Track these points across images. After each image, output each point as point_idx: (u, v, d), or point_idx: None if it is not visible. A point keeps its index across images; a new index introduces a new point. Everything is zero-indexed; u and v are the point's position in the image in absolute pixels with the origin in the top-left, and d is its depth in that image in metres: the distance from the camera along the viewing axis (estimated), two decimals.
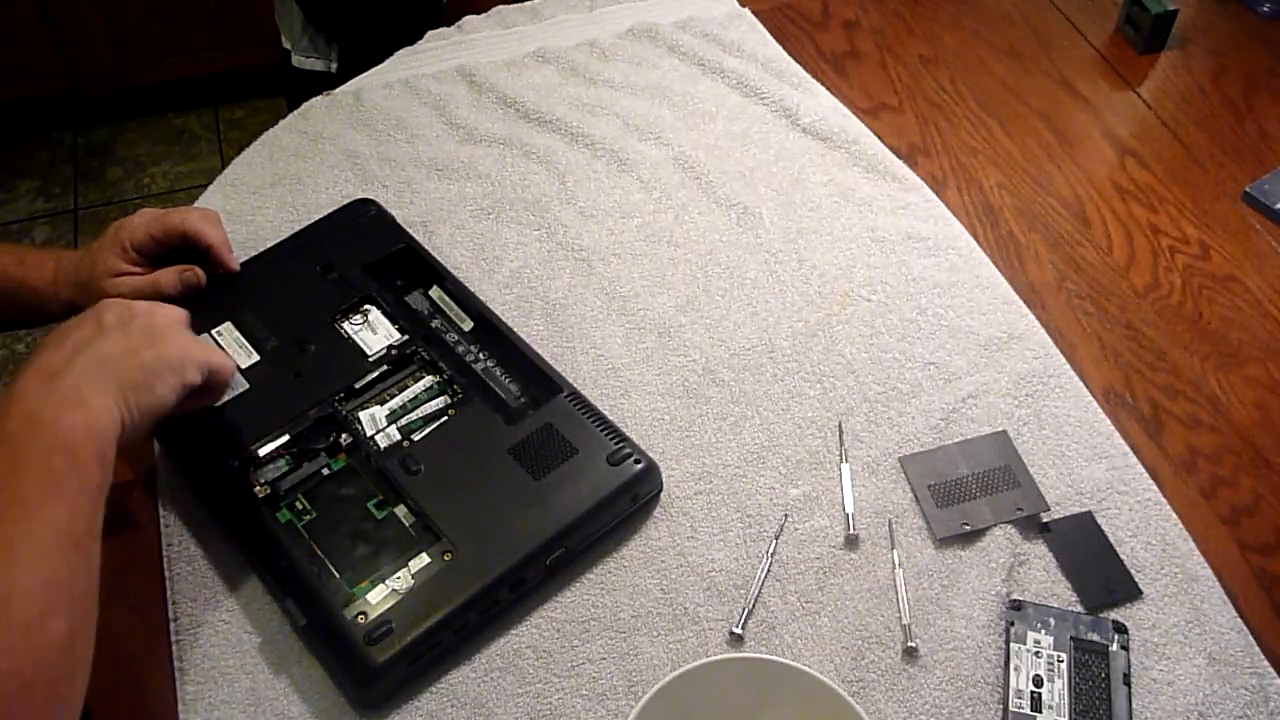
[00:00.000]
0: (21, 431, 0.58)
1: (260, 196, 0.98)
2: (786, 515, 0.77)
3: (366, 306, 0.85)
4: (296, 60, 1.56)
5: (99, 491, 0.60)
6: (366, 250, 0.88)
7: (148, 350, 0.65)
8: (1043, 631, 0.70)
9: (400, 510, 0.73)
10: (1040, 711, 0.67)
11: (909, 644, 0.70)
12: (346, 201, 0.94)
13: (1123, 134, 1.07)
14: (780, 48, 1.14)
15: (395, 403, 0.79)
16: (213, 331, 0.82)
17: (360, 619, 0.66)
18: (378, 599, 0.67)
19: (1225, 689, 0.69)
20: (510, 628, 0.71)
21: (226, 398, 0.77)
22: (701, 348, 0.87)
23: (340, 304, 0.84)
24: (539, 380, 0.80)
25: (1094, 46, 1.17)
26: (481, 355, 0.83)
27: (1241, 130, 1.07)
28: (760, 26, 1.17)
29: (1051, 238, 0.97)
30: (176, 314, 0.70)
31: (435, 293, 0.87)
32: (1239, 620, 0.72)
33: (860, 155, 1.02)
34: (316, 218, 0.93)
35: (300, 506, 0.73)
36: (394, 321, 0.83)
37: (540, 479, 0.73)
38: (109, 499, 0.74)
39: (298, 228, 0.92)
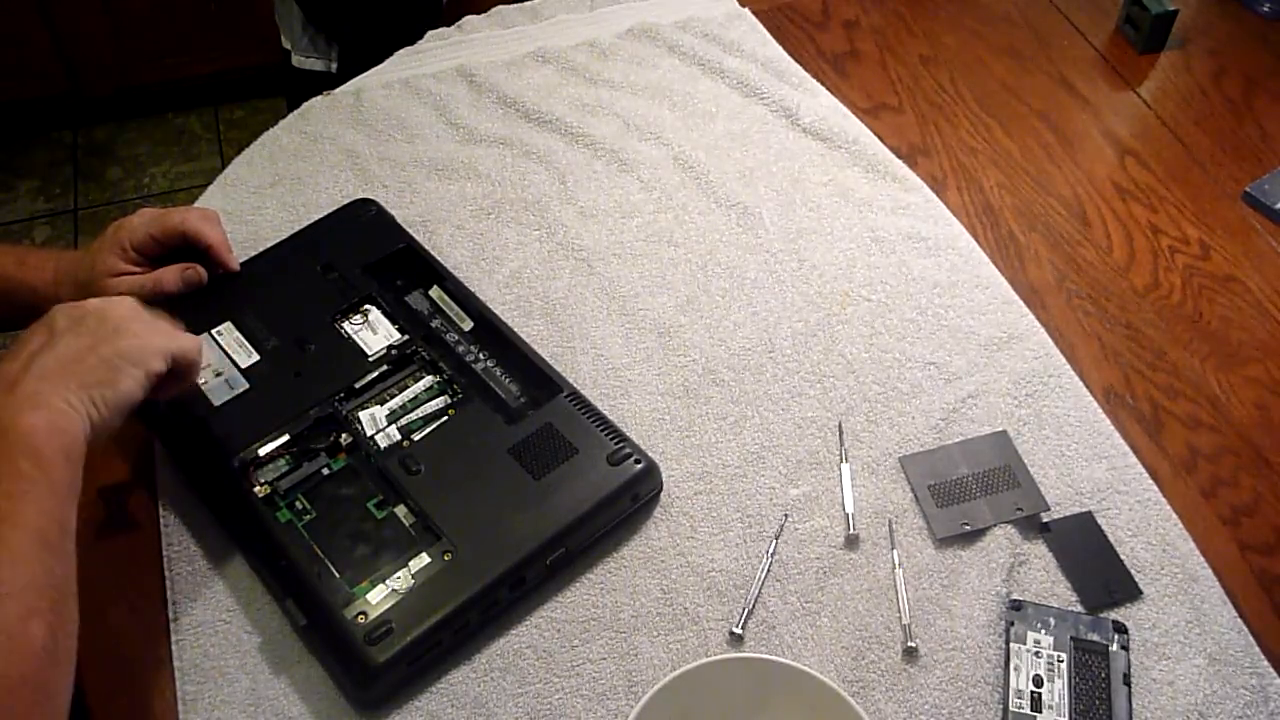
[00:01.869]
0: None
1: (260, 196, 0.98)
2: (786, 515, 0.77)
3: (366, 306, 0.85)
4: (296, 60, 1.56)
5: (69, 490, 0.60)
6: (366, 250, 0.88)
7: (105, 345, 0.65)
8: (1043, 631, 0.70)
9: (400, 510, 0.73)
10: (1040, 711, 0.67)
11: (909, 644, 0.70)
12: (346, 201, 0.94)
13: (1123, 134, 1.07)
14: (780, 48, 1.14)
15: (395, 403, 0.79)
16: (213, 331, 0.82)
17: (360, 619, 0.66)
18: (378, 599, 0.67)
19: (1225, 689, 0.69)
20: (510, 628, 0.71)
21: (226, 397, 0.77)
22: (701, 348, 0.87)
23: (340, 304, 0.84)
24: (539, 380, 0.80)
25: (1094, 46, 1.17)
26: (481, 355, 0.83)
27: (1241, 130, 1.07)
28: (760, 26, 1.17)
29: (1051, 238, 0.97)
30: (130, 304, 0.69)
31: (435, 293, 0.87)
32: (1239, 620, 0.72)
33: (860, 155, 1.02)
34: (316, 218, 0.93)
35: (300, 506, 0.73)
36: (394, 321, 0.83)
37: (540, 479, 0.73)
38: (109, 499, 0.74)
39: (298, 228, 0.92)
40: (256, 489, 0.73)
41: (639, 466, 0.74)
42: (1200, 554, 0.75)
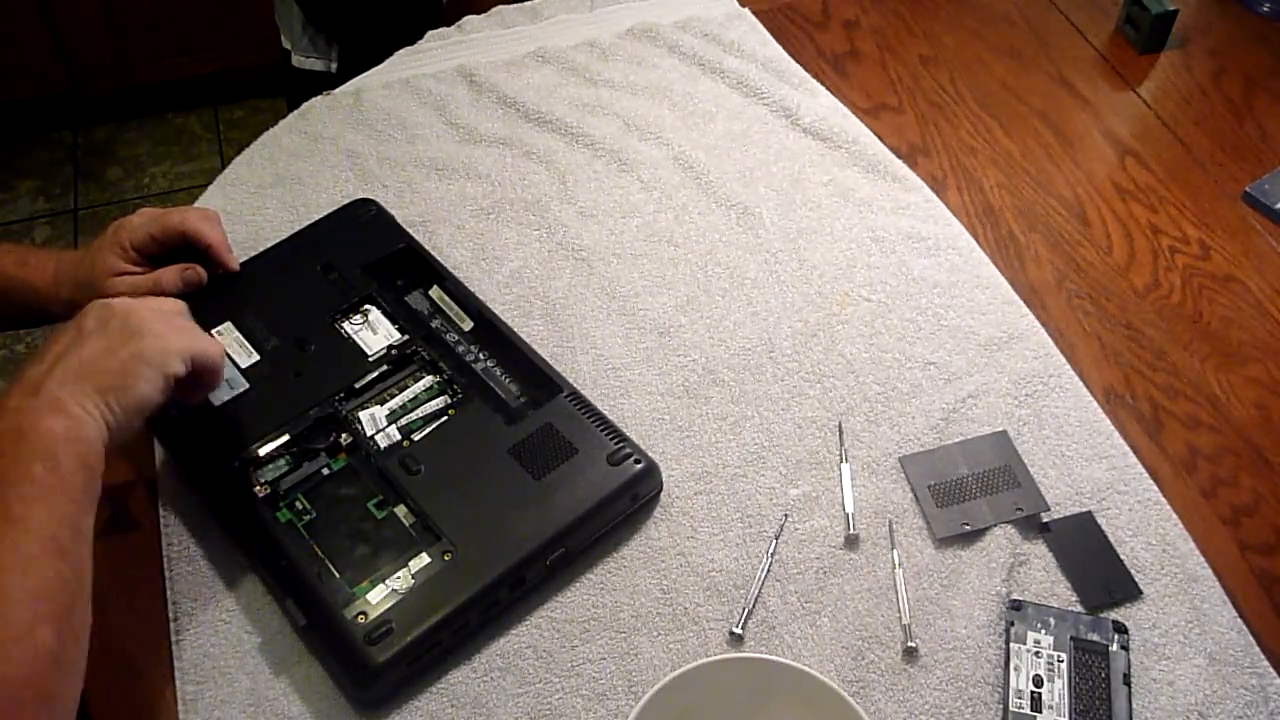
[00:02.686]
0: (4, 445, 0.59)
1: (260, 196, 0.98)
2: (786, 515, 0.77)
3: (366, 306, 0.85)
4: (296, 60, 1.56)
5: (85, 496, 0.60)
6: (366, 250, 0.88)
7: (124, 348, 0.65)
8: (1043, 631, 0.70)
9: (400, 510, 0.73)
10: (1040, 711, 0.67)
11: (909, 644, 0.70)
12: (346, 201, 0.94)
13: (1123, 134, 1.07)
14: (780, 48, 1.14)
15: (395, 403, 0.79)
16: (212, 331, 0.82)
17: (360, 619, 0.66)
18: (378, 599, 0.67)
19: (1225, 689, 0.69)
20: (510, 628, 0.71)
21: (226, 397, 0.77)
22: (701, 348, 0.87)
23: (340, 304, 0.84)
24: (539, 380, 0.80)
25: (1094, 46, 1.17)
26: (481, 355, 0.83)
27: (1241, 130, 1.07)
28: (760, 26, 1.17)
29: (1051, 238, 0.97)
30: (160, 305, 0.70)
31: (435, 293, 0.87)
32: (1239, 620, 0.72)
33: (860, 155, 1.02)
34: (316, 218, 0.93)
35: (300, 506, 0.73)
36: (394, 321, 0.83)
37: (540, 479, 0.73)
38: (109, 499, 0.74)
39: (298, 228, 0.92)
40: (256, 489, 0.73)
41: (639, 466, 0.74)
42: (1200, 554, 0.75)
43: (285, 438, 0.76)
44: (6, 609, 0.54)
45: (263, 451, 0.75)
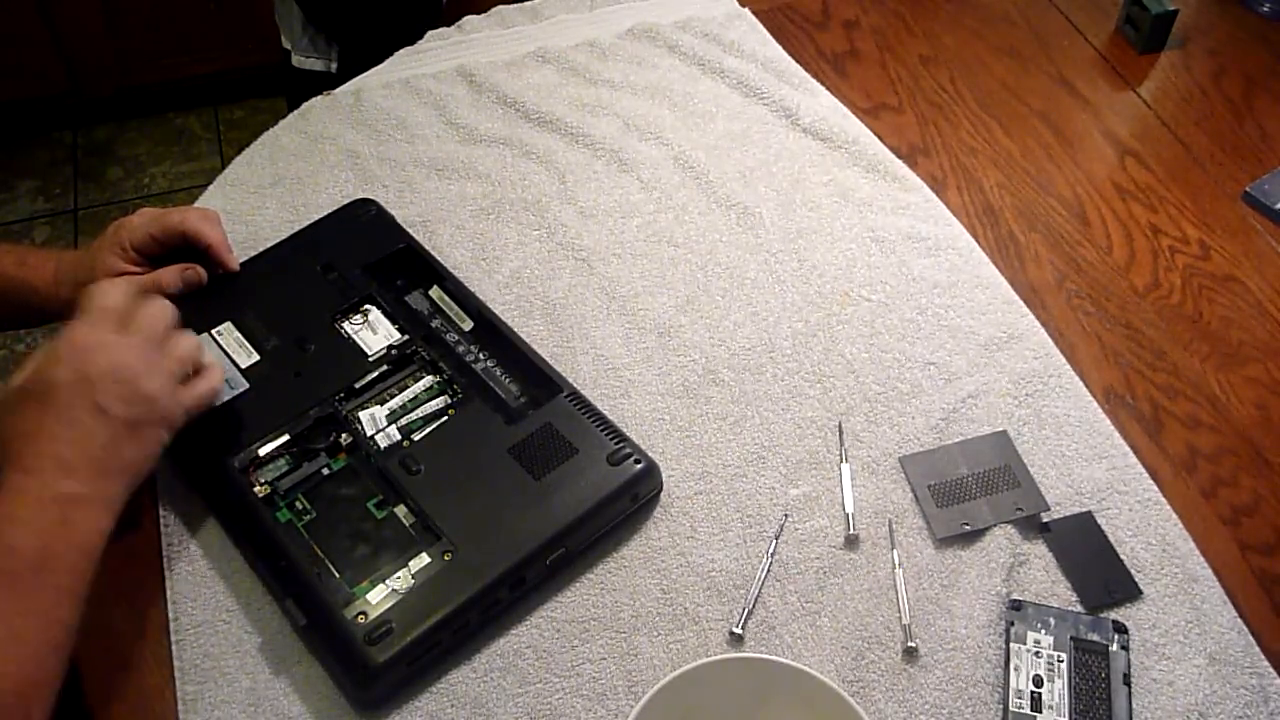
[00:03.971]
0: (50, 540, 0.62)
1: (260, 196, 0.98)
2: (786, 515, 0.77)
3: (366, 306, 0.85)
4: (296, 60, 1.56)
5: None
6: (366, 250, 0.88)
7: (147, 429, 0.67)
8: (1043, 631, 0.70)
9: (400, 510, 0.73)
10: (1040, 711, 0.67)
11: (909, 644, 0.70)
12: (346, 201, 0.94)
13: (1123, 134, 1.07)
14: (780, 48, 1.14)
15: (395, 403, 0.79)
16: (212, 331, 0.82)
17: (360, 619, 0.66)
18: (378, 599, 0.67)
19: (1225, 689, 0.69)
20: (510, 628, 0.71)
21: (226, 397, 0.77)
22: (701, 348, 0.87)
23: (340, 304, 0.84)
24: (539, 380, 0.80)
25: (1094, 46, 1.17)
26: (481, 355, 0.83)
27: (1241, 130, 1.07)
28: (760, 26, 1.17)
29: (1051, 238, 0.97)
30: (151, 341, 0.69)
31: (435, 293, 0.87)
32: (1239, 620, 0.72)
33: (860, 155, 1.02)
34: (316, 218, 0.93)
35: (300, 506, 0.73)
36: (394, 321, 0.83)
37: (540, 479, 0.73)
38: None
39: (298, 228, 0.92)
40: (256, 489, 0.74)
41: (639, 466, 0.74)
42: (1200, 554, 0.75)
43: (285, 438, 0.76)
44: (21, 695, 0.58)
45: (263, 451, 0.75)
